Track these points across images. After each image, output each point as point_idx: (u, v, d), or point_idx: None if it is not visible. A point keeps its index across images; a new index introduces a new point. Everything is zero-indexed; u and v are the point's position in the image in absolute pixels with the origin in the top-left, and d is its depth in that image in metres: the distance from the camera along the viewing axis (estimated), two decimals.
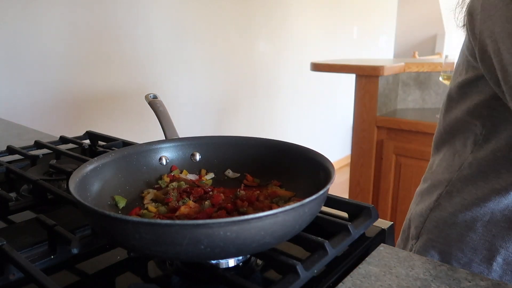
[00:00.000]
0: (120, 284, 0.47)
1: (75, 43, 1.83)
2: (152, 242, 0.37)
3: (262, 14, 2.69)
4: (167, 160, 0.63)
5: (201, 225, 0.36)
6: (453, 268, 0.47)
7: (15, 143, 0.92)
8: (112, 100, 2.02)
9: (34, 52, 1.70)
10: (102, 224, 0.41)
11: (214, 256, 0.41)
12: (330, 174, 0.48)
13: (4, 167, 0.75)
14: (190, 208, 0.51)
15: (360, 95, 2.03)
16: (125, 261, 0.49)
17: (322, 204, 0.47)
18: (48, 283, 0.39)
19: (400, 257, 0.49)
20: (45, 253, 0.48)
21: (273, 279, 0.46)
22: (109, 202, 0.53)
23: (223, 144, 0.64)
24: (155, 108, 0.69)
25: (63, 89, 1.82)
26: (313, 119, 3.56)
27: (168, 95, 2.27)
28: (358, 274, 0.45)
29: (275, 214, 0.38)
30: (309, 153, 0.56)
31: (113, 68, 2.00)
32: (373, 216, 0.53)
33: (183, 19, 2.26)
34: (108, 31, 1.94)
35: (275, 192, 0.56)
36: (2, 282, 0.44)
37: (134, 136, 1.97)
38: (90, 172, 0.52)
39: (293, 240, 0.46)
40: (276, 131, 3.17)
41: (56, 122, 1.80)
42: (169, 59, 2.24)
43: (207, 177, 0.63)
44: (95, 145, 0.93)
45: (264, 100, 2.97)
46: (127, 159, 0.59)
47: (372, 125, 2.00)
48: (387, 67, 1.92)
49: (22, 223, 0.58)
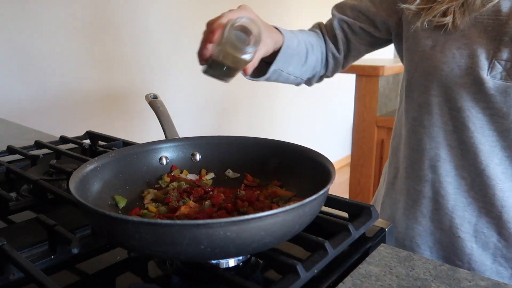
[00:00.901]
0: (120, 284, 0.47)
1: (76, 43, 1.83)
2: (152, 242, 0.37)
3: (262, 14, 2.67)
4: (167, 160, 0.63)
5: (201, 225, 0.36)
6: (453, 268, 0.47)
7: (15, 143, 0.92)
8: (113, 100, 2.02)
9: (35, 52, 1.70)
10: (102, 224, 0.41)
11: (214, 256, 0.41)
12: (331, 174, 0.48)
13: (4, 167, 0.75)
14: (190, 208, 0.51)
15: (360, 95, 2.03)
16: (125, 261, 0.49)
17: (322, 204, 0.47)
18: (48, 283, 0.39)
19: (401, 257, 0.49)
20: (45, 253, 0.48)
21: (273, 279, 0.46)
22: (109, 202, 0.53)
23: (223, 144, 0.64)
24: (155, 108, 0.69)
25: (63, 89, 1.82)
26: (313, 119, 3.56)
27: (168, 95, 2.27)
28: (359, 274, 0.45)
29: (275, 214, 0.38)
30: (309, 153, 0.56)
31: (113, 68, 2.00)
32: (373, 216, 0.53)
33: (184, 19, 2.26)
34: (109, 31, 1.94)
35: (275, 192, 0.56)
36: (2, 282, 0.44)
37: (134, 136, 1.97)
38: (90, 172, 0.52)
39: (293, 240, 0.45)
40: (276, 131, 3.16)
41: (56, 122, 1.80)
42: (169, 59, 2.24)
43: (207, 177, 0.63)
44: (95, 145, 0.93)
45: (264, 100, 2.97)
46: (127, 159, 0.59)
47: (372, 125, 2.00)
48: (388, 67, 1.92)
49: (22, 223, 0.58)
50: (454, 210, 0.66)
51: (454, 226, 0.66)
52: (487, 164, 0.62)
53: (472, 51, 0.60)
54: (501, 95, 0.59)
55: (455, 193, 0.66)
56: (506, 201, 0.62)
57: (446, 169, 0.66)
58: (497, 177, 0.62)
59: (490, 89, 0.59)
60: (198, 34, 0.61)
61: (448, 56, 0.62)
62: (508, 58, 0.58)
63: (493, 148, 0.62)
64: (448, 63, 0.62)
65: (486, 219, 0.64)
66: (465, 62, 0.61)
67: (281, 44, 0.70)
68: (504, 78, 0.58)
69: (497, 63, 0.59)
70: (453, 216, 0.66)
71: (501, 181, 0.62)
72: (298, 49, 0.74)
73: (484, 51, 0.60)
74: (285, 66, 0.74)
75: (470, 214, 0.65)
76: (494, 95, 0.59)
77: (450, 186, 0.66)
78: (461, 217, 0.66)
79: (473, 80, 0.60)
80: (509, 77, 0.58)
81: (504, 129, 0.60)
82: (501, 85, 0.58)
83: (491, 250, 0.65)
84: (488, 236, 0.65)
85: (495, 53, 0.59)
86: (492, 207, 0.63)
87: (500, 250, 0.64)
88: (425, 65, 0.65)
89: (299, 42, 0.74)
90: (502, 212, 0.63)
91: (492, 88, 0.59)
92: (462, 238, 0.66)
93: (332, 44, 0.82)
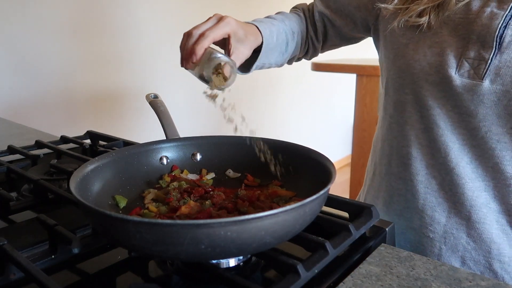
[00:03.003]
0: (120, 284, 0.47)
1: (76, 43, 1.83)
2: (152, 242, 0.37)
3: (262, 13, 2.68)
4: (167, 160, 0.63)
5: (201, 225, 0.36)
6: (454, 268, 0.47)
7: (16, 142, 0.92)
8: (113, 99, 2.02)
9: (35, 52, 1.70)
10: (102, 224, 0.41)
11: (215, 256, 0.41)
12: (331, 174, 0.48)
13: (5, 167, 0.75)
14: (190, 208, 0.51)
15: (360, 94, 2.03)
16: (126, 260, 0.49)
17: (322, 204, 0.47)
18: (48, 283, 0.39)
19: (401, 257, 0.49)
20: (45, 252, 0.48)
21: (274, 279, 0.46)
22: (109, 202, 0.53)
23: (223, 144, 0.65)
24: (156, 108, 0.69)
25: (64, 88, 1.82)
26: (313, 119, 3.55)
27: (169, 94, 2.27)
28: (359, 274, 0.45)
29: (276, 214, 0.38)
30: (310, 153, 0.56)
31: (114, 68, 2.00)
32: (373, 216, 0.53)
33: (184, 19, 2.26)
34: (109, 31, 1.94)
35: (276, 192, 0.56)
36: (3, 281, 0.44)
37: (134, 136, 1.97)
38: (90, 172, 0.52)
39: (294, 240, 0.46)
40: (277, 131, 3.16)
41: (57, 122, 1.80)
42: (170, 58, 2.24)
43: (207, 177, 0.63)
44: (96, 144, 0.93)
45: (265, 100, 2.97)
46: (127, 159, 0.59)
47: (373, 125, 1.99)
48: None
49: (23, 223, 0.58)
50: (424, 209, 0.65)
51: (424, 226, 0.66)
52: (457, 163, 0.62)
53: (442, 49, 0.61)
54: (468, 93, 0.58)
55: (425, 192, 0.65)
56: (475, 200, 0.62)
57: (417, 168, 0.66)
58: (466, 176, 0.62)
59: (458, 87, 0.59)
60: None
61: (419, 54, 0.62)
62: (475, 57, 0.58)
63: (462, 147, 0.61)
64: (419, 60, 0.62)
65: (456, 219, 0.63)
66: (434, 60, 0.61)
67: (261, 42, 0.70)
68: (472, 77, 0.58)
69: (465, 61, 0.59)
70: (423, 215, 0.66)
71: (471, 180, 0.62)
72: (278, 42, 0.74)
73: (453, 50, 0.60)
74: (267, 60, 0.75)
75: (440, 214, 0.64)
76: (462, 93, 0.59)
77: (420, 184, 0.65)
78: (431, 216, 0.65)
79: (441, 78, 0.60)
80: (476, 75, 0.58)
81: (472, 128, 0.60)
82: (468, 83, 0.58)
83: (460, 253, 0.64)
84: (457, 238, 0.63)
85: (464, 51, 0.59)
86: (461, 206, 0.62)
87: (469, 252, 0.63)
88: (399, 62, 0.66)
89: (278, 33, 0.74)
90: (471, 212, 0.62)
91: (460, 86, 0.59)
92: (431, 238, 0.65)
93: (313, 32, 0.83)
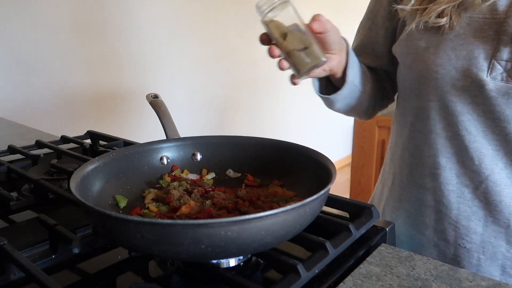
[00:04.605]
0: (121, 284, 0.47)
1: (77, 42, 1.83)
2: (153, 242, 0.37)
3: None
4: (168, 160, 0.63)
5: (202, 225, 0.36)
6: (454, 268, 0.47)
7: (16, 142, 0.92)
8: (113, 99, 2.02)
9: (35, 51, 1.70)
10: (103, 224, 0.41)
11: (215, 255, 0.41)
12: (331, 174, 0.48)
13: (5, 167, 0.75)
14: (191, 207, 0.51)
15: None
16: (126, 260, 0.49)
17: (323, 204, 0.47)
18: (49, 283, 0.39)
19: (401, 257, 0.49)
20: (46, 252, 0.48)
21: (274, 279, 0.46)
22: (110, 202, 0.53)
23: (224, 143, 0.65)
24: (156, 107, 0.69)
25: (64, 88, 1.82)
26: (314, 118, 3.55)
27: (169, 94, 2.27)
28: (359, 274, 0.45)
29: (276, 214, 0.38)
30: (310, 153, 0.56)
31: (114, 68, 2.00)
32: (374, 216, 0.53)
33: (184, 19, 2.26)
34: (109, 31, 1.94)
35: (276, 192, 0.56)
36: (3, 281, 0.44)
37: (135, 136, 1.97)
38: (91, 171, 0.52)
39: (294, 240, 0.45)
40: (277, 130, 3.16)
41: (57, 122, 1.80)
42: (170, 58, 2.24)
43: (208, 176, 0.63)
44: (96, 144, 0.93)
45: (265, 100, 2.97)
46: (128, 159, 0.59)
47: (373, 124, 1.99)
48: None
49: (23, 223, 0.58)
50: (458, 219, 0.63)
51: (460, 237, 0.63)
52: (492, 170, 0.60)
53: (469, 52, 0.58)
54: (502, 97, 0.57)
55: (458, 202, 0.63)
56: None
57: (447, 177, 0.63)
58: (502, 183, 0.60)
59: (491, 91, 0.57)
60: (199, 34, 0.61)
61: (443, 58, 0.60)
62: (509, 58, 0.56)
63: (496, 152, 0.59)
64: (443, 65, 0.60)
65: (493, 227, 0.61)
66: (461, 63, 0.59)
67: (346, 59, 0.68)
68: (505, 79, 0.56)
69: (497, 64, 0.57)
70: (457, 226, 0.63)
71: (507, 187, 0.60)
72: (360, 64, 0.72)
73: (482, 52, 0.58)
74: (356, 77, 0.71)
75: (476, 224, 0.62)
76: (495, 97, 0.57)
77: (452, 194, 0.63)
78: (466, 227, 0.63)
79: (471, 82, 0.58)
80: (510, 78, 0.56)
81: (507, 133, 0.58)
82: (502, 86, 0.57)
83: (500, 261, 0.62)
84: (496, 246, 0.62)
85: (494, 53, 0.57)
86: (499, 214, 0.60)
87: (509, 260, 0.61)
88: (418, 67, 0.63)
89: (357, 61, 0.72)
90: (510, 219, 0.60)
91: (493, 90, 0.57)
92: (468, 248, 0.63)
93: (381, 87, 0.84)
